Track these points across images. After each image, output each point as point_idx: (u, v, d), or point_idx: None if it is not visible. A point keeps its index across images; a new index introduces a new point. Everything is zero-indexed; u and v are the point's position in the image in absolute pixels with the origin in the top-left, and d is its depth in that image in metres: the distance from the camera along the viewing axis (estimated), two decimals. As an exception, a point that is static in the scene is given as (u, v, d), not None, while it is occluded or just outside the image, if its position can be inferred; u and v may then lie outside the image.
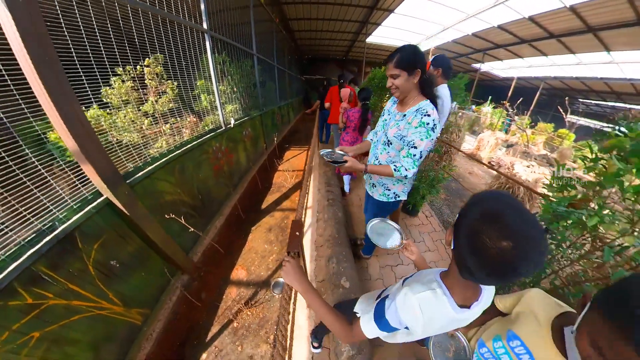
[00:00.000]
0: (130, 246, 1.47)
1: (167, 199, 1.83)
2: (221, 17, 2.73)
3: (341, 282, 1.43)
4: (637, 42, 7.60)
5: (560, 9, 6.94)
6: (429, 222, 2.76)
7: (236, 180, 3.24)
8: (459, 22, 8.41)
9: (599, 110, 15.26)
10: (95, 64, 1.30)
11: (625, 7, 6.34)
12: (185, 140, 2.13)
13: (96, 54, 1.30)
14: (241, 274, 2.16)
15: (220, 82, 2.88)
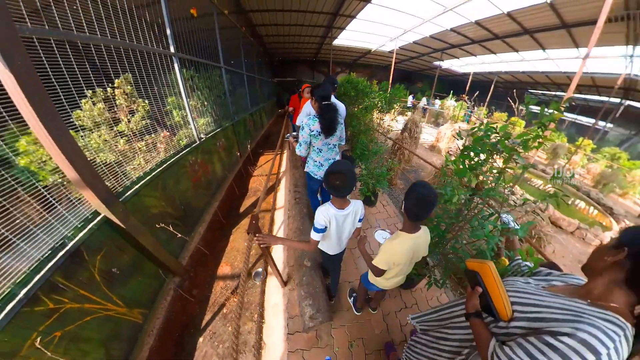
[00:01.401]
0: (127, 255, 1.74)
1: (154, 212, 2.11)
2: (187, 36, 2.98)
3: (304, 262, 1.87)
4: (564, 42, 9.00)
5: (499, 14, 8.03)
6: (385, 210, 3.34)
7: (214, 189, 3.51)
8: (417, 26, 9.26)
9: (545, 99, 17.46)
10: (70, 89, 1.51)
11: (551, 14, 7.56)
12: (163, 158, 2.39)
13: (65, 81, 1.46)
14: (226, 269, 2.51)
15: (190, 97, 3.13)
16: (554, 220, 5.09)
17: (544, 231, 2.66)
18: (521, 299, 0.71)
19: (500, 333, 0.71)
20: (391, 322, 1.87)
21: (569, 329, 0.54)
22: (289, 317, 1.78)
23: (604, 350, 0.49)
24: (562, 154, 9.50)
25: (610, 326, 0.53)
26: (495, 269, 0.75)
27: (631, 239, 0.60)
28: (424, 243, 1.25)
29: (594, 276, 0.65)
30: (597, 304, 0.59)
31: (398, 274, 1.34)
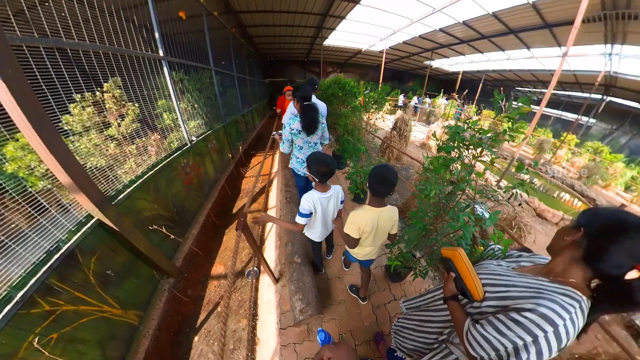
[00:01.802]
0: (121, 257, 1.78)
1: (147, 214, 2.14)
2: (176, 39, 3.01)
3: (294, 259, 1.95)
4: (547, 41, 9.33)
5: (485, 15, 8.26)
6: None
7: (207, 191, 3.54)
8: (406, 27, 9.43)
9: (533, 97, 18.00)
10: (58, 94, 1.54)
11: (533, 14, 7.83)
12: (155, 161, 2.42)
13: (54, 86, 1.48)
14: (220, 269, 2.57)
15: (181, 100, 3.16)
16: (539, 212, 5.31)
17: (524, 222, 2.80)
18: (492, 280, 0.77)
19: (474, 312, 0.77)
20: (380, 314, 1.96)
21: (531, 305, 0.61)
22: (281, 313, 1.85)
23: (560, 322, 0.57)
24: (547, 149, 9.85)
25: (567, 300, 0.60)
26: (465, 255, 0.82)
27: (587, 220, 0.66)
28: (389, 219, 1.42)
29: (555, 255, 0.71)
30: (557, 281, 0.66)
31: (367, 244, 1.52)
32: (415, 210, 1.52)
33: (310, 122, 2.05)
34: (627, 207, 7.34)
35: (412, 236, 1.52)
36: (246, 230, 1.42)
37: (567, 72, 11.86)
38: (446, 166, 1.27)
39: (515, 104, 1.12)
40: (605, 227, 0.61)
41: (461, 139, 1.22)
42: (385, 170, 1.26)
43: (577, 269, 0.65)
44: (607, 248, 0.59)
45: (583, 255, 0.63)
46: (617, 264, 0.59)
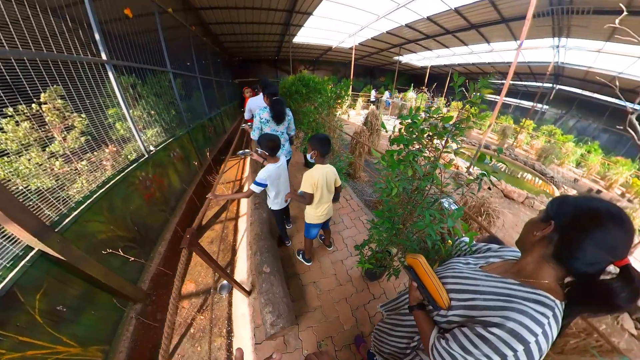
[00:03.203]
0: (73, 289, 1.62)
1: (101, 237, 1.97)
2: (124, 40, 2.78)
3: (263, 269, 1.91)
4: (505, 35, 10.09)
5: (448, 10, 8.72)
6: (348, 204, 3.51)
7: (173, 204, 3.34)
8: (373, 22, 9.65)
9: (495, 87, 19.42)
10: None
11: (491, 10, 8.42)
12: (106, 177, 2.22)
13: None
14: (190, 287, 2.44)
15: (134, 107, 2.93)
16: (506, 193, 5.74)
17: (492, 207, 2.98)
18: (458, 286, 0.72)
19: (442, 321, 0.72)
20: (360, 315, 1.99)
21: (499, 319, 0.55)
22: (255, 327, 1.81)
23: (532, 338, 0.51)
24: (509, 134, 10.72)
25: (539, 308, 0.54)
26: (425, 262, 0.78)
27: (557, 211, 0.60)
28: (333, 174, 1.85)
29: (525, 252, 0.65)
30: (528, 283, 0.60)
31: (324, 200, 1.88)
32: (381, 209, 1.50)
33: (278, 113, 2.56)
34: (579, 180, 8.27)
35: (381, 236, 1.51)
36: (196, 247, 1.34)
37: (522, 63, 12.96)
38: (407, 161, 1.20)
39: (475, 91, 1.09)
40: (576, 218, 0.55)
41: (418, 128, 1.18)
42: (323, 135, 1.73)
43: (548, 268, 0.59)
44: (580, 243, 0.53)
45: (554, 253, 0.58)
46: (591, 261, 0.53)
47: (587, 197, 0.58)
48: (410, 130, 1.22)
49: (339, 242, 2.79)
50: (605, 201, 0.55)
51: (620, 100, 10.42)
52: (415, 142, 1.27)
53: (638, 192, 7.31)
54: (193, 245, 1.33)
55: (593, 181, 8.57)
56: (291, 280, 2.28)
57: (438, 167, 1.24)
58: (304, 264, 2.46)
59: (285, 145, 2.84)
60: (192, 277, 2.55)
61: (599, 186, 8.14)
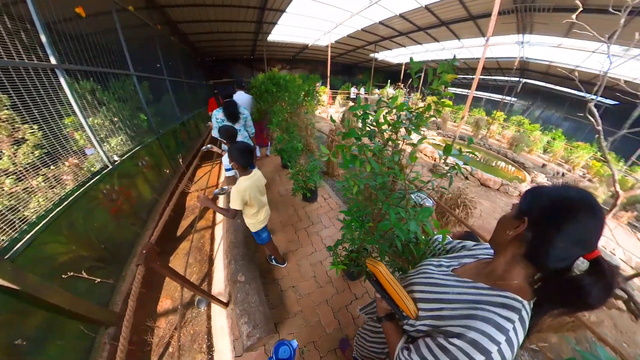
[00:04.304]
0: (32, 320, 1.48)
1: (63, 260, 1.82)
2: (77, 42, 2.57)
3: (238, 278, 1.87)
4: (473, 32, 10.57)
5: (419, 8, 8.97)
6: (327, 203, 3.52)
7: (144, 216, 3.16)
8: (347, 19, 9.72)
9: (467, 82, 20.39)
10: None
11: (460, 7, 8.77)
12: (63, 194, 2.05)
13: None
14: (167, 303, 2.33)
15: (94, 114, 2.73)
16: (483, 182, 6.02)
17: (469, 198, 3.08)
18: (426, 294, 0.69)
19: (411, 330, 0.69)
20: (343, 317, 1.99)
21: (460, 329, 0.53)
22: (234, 339, 1.75)
23: (494, 348, 0.49)
24: (482, 126, 11.31)
25: (505, 313, 0.52)
26: (385, 271, 0.73)
27: (529, 204, 0.57)
28: (261, 178, 1.88)
29: (498, 252, 0.63)
30: (497, 286, 0.58)
31: (260, 205, 1.88)
32: (350, 207, 1.45)
33: (231, 113, 2.88)
34: (547, 165, 8.90)
35: (353, 235, 1.47)
36: (155, 263, 1.26)
37: (491, 59, 13.67)
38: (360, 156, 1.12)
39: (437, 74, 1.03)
40: (551, 212, 0.52)
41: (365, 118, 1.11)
42: (242, 144, 1.70)
43: (519, 268, 0.57)
44: (554, 239, 0.50)
45: (527, 252, 0.55)
46: (563, 256, 0.50)
47: (561, 187, 0.54)
48: (365, 123, 1.14)
49: (318, 242, 2.78)
50: (576, 188, 0.52)
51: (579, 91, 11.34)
52: (377, 136, 1.18)
53: (597, 172, 8.01)
54: (152, 262, 1.24)
55: (558, 165, 9.30)
56: (270, 287, 2.24)
57: (396, 161, 1.16)
58: (280, 267, 2.45)
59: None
60: (169, 293, 2.43)
61: (563, 169, 8.82)
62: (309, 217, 3.21)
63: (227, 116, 2.87)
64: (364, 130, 1.15)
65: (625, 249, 4.56)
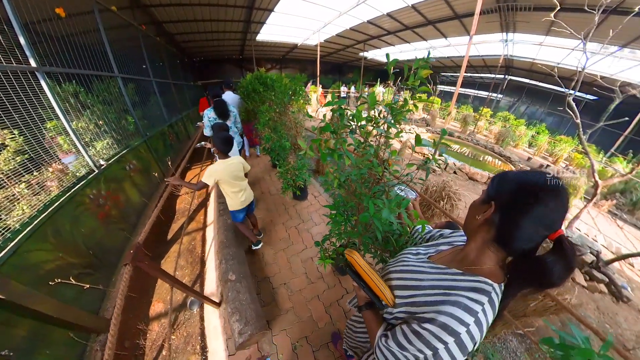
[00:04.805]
0: (20, 329, 1.45)
1: (49, 267, 1.80)
2: (58, 43, 2.52)
3: (228, 277, 1.90)
4: (459, 31, 10.81)
5: (406, 7, 9.11)
6: (317, 201, 3.56)
7: (134, 221, 3.12)
8: (336, 19, 9.77)
9: (455, 80, 20.81)
10: None
11: (445, 6, 8.95)
12: (48, 200, 2.02)
13: None
14: (159, 307, 2.32)
15: (78, 118, 2.69)
16: (470, 176, 6.17)
17: (452, 190, 3.18)
18: (402, 282, 0.71)
19: (390, 318, 0.71)
20: (334, 312, 2.03)
21: (432, 314, 0.56)
22: (227, 338, 1.77)
23: (462, 329, 0.52)
24: (470, 122, 11.60)
25: (474, 296, 0.54)
26: (359, 259, 0.75)
27: (496, 189, 0.59)
28: (238, 163, 2.11)
29: (470, 238, 0.65)
30: (469, 271, 0.60)
31: (237, 189, 2.15)
32: (335, 201, 1.48)
33: (221, 111, 3.06)
34: (532, 158, 9.21)
35: (339, 229, 1.48)
36: (143, 262, 1.27)
37: (477, 57, 14.00)
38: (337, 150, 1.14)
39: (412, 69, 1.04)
40: (514, 195, 0.54)
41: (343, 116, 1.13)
42: (223, 134, 1.98)
43: (490, 252, 0.59)
44: (520, 221, 0.52)
45: (496, 237, 0.57)
46: (529, 238, 0.53)
47: (523, 171, 0.57)
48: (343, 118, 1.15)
49: (308, 239, 2.83)
50: (541, 172, 0.55)
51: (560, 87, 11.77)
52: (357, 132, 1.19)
53: (579, 164, 8.37)
54: (139, 261, 1.25)
55: (543, 158, 9.65)
56: (262, 285, 2.26)
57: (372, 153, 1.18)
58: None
59: (235, 138, 3.21)
60: (160, 297, 2.42)
61: (548, 162, 9.16)
62: (300, 215, 3.25)
63: (218, 115, 3.05)
64: (342, 125, 1.17)
65: (606, 236, 4.80)
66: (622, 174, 3.93)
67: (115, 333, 1.01)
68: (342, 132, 1.20)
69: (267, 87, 3.69)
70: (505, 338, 2.11)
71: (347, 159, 1.12)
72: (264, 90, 3.67)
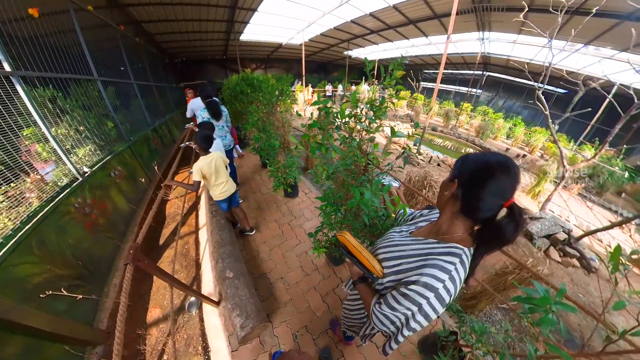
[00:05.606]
0: (10, 347, 1.41)
1: (37, 280, 1.75)
2: (32, 46, 2.42)
3: (226, 275, 1.94)
4: (439, 30, 11.16)
5: (387, 7, 9.32)
6: (307, 197, 3.65)
7: (122, 228, 3.05)
8: (319, 18, 9.83)
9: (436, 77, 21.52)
10: None
11: (425, 7, 9.24)
12: (31, 211, 1.96)
13: None
14: (156, 313, 2.30)
15: (57, 124, 2.59)
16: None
17: (434, 180, 3.36)
18: (388, 254, 0.80)
19: (381, 289, 0.81)
20: (331, 300, 2.12)
21: (416, 277, 0.66)
22: (229, 335, 1.81)
23: (439, 285, 0.62)
24: (452, 116, 12.06)
25: (448, 258, 0.64)
26: (350, 237, 0.85)
27: (459, 169, 0.69)
28: (218, 158, 2.27)
29: (441, 212, 0.75)
30: (443, 239, 0.70)
31: (219, 182, 2.33)
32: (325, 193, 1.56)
33: (215, 111, 3.12)
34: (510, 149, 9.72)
35: (330, 220, 1.55)
36: (142, 262, 1.29)
37: (456, 54, 14.52)
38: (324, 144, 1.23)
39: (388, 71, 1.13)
40: (473, 173, 0.64)
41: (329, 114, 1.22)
42: (204, 132, 2.15)
43: (458, 222, 0.68)
44: (478, 194, 0.62)
45: (461, 208, 0.66)
46: (489, 207, 0.62)
47: (482, 153, 0.67)
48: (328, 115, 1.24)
49: (302, 234, 2.91)
50: (496, 154, 0.64)
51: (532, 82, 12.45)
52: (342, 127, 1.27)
53: (552, 152, 8.95)
54: (138, 261, 1.27)
55: (520, 148, 10.24)
56: (259, 281, 2.31)
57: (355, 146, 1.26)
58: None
59: (227, 137, 3.38)
60: (157, 303, 2.40)
61: (524, 151, 9.71)
62: (292, 211, 3.31)
63: (212, 114, 3.13)
64: (328, 122, 1.26)
65: (577, 216, 5.25)
66: (587, 159, 4.30)
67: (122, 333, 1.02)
68: (329, 128, 1.29)
69: (254, 88, 3.70)
70: (490, 312, 2.28)
71: (333, 152, 1.22)
72: (251, 92, 3.68)
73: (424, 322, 0.67)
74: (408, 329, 0.70)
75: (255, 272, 2.41)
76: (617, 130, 3.78)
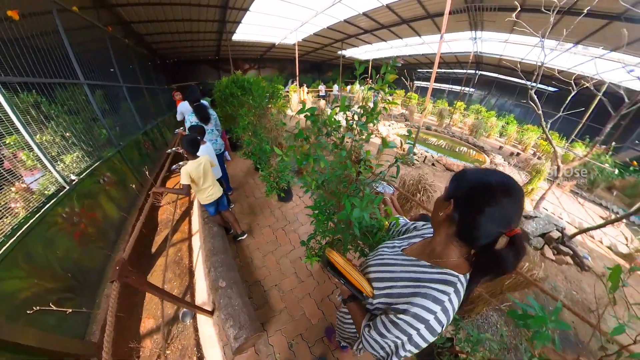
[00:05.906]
0: None
1: (24, 295, 1.70)
2: (12, 49, 2.33)
3: (219, 284, 1.91)
4: (432, 30, 11.23)
5: (380, 7, 9.33)
6: (301, 201, 3.62)
7: (113, 237, 2.98)
8: (313, 18, 9.79)
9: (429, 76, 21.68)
10: None
11: (418, 6, 9.27)
12: (17, 222, 1.89)
13: None
14: (149, 323, 2.25)
15: (42, 131, 2.51)
16: (448, 167, 6.45)
17: (429, 183, 3.35)
18: (379, 274, 0.77)
19: (372, 309, 0.77)
20: (326, 307, 2.10)
21: (406, 306, 0.62)
22: (224, 345, 1.77)
23: (431, 317, 0.58)
24: (446, 115, 12.16)
25: (442, 287, 0.60)
26: (337, 256, 0.81)
27: (455, 188, 0.62)
28: (206, 162, 2.28)
29: (436, 232, 0.69)
30: (437, 264, 0.65)
31: (206, 185, 2.33)
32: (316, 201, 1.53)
33: (203, 115, 3.04)
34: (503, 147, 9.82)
35: (322, 228, 1.53)
36: (130, 277, 1.26)
37: (450, 54, 14.63)
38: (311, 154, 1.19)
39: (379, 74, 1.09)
40: (470, 195, 0.58)
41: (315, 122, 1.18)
42: (191, 136, 2.15)
43: (453, 246, 0.63)
44: (476, 220, 0.56)
45: (457, 232, 0.61)
46: (487, 234, 0.57)
47: (481, 171, 0.59)
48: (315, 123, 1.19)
49: (296, 240, 2.88)
50: (497, 172, 0.58)
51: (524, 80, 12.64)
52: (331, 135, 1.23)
53: (545, 150, 9.08)
54: (126, 276, 1.22)
55: (513, 146, 10.38)
56: (253, 289, 2.28)
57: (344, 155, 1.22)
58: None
59: (217, 140, 3.35)
60: (150, 313, 2.34)
61: (517, 149, 9.82)
62: (285, 216, 3.28)
63: (200, 119, 3.05)
64: (314, 131, 1.23)
65: (569, 213, 5.33)
66: (579, 157, 4.37)
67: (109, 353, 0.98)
68: (318, 136, 1.25)
69: (244, 91, 3.65)
70: (486, 314, 2.30)
71: (321, 162, 1.17)
72: (241, 94, 3.62)
73: (414, 350, 0.64)
74: (397, 356, 0.67)
75: (249, 280, 2.37)
76: (608, 129, 3.85)
